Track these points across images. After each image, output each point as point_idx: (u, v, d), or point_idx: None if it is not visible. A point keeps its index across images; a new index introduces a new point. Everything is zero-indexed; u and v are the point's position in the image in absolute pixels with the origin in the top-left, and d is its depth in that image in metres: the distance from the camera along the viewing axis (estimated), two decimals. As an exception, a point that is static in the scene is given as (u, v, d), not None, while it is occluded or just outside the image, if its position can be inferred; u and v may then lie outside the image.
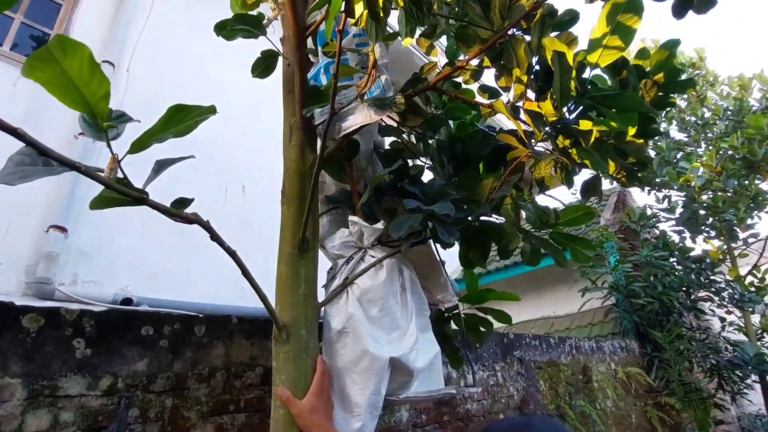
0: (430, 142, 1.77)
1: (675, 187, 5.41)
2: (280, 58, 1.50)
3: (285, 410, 1.05)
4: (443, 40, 1.93)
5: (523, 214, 1.46)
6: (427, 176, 1.78)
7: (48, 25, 3.49)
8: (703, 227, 5.10)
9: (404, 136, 1.80)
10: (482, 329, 1.77)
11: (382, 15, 1.07)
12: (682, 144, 5.64)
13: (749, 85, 5.37)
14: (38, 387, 1.08)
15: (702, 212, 5.23)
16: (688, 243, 5.26)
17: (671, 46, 1.18)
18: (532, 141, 1.33)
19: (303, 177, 1.32)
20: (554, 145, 1.38)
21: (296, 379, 1.09)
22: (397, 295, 1.24)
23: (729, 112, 5.19)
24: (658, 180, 5.52)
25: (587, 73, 1.34)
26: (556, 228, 1.37)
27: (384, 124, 1.76)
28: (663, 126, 5.76)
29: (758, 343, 4.67)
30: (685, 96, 5.66)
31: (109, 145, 0.82)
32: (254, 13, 1.87)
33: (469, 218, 1.36)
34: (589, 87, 1.21)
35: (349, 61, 1.50)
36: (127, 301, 3.25)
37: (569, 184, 1.38)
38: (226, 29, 1.40)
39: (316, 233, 1.32)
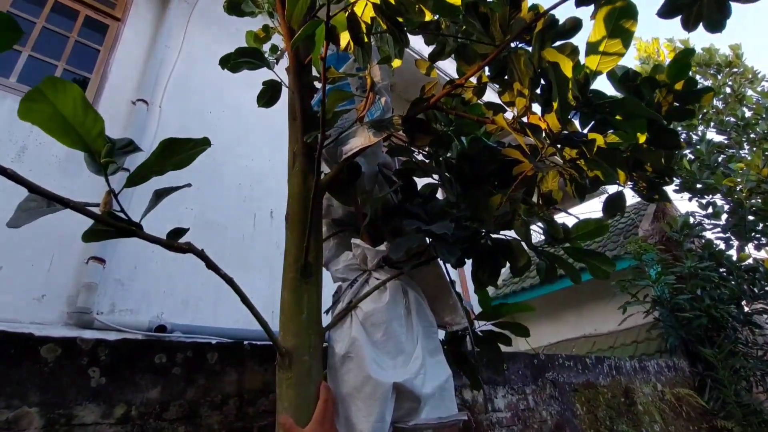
0: (441, 160, 1.76)
1: (719, 193, 5.11)
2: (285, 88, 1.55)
3: (288, 439, 1.04)
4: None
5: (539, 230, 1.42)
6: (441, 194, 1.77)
7: (88, 69, 3.75)
8: (752, 234, 4.76)
9: (416, 155, 1.80)
10: (501, 345, 1.71)
11: (366, 40, 1.08)
12: (722, 146, 5.34)
13: (791, 80, 5.06)
14: (54, 416, 1.12)
15: (750, 218, 4.90)
16: (735, 251, 4.92)
17: (685, 56, 1.12)
18: (540, 154, 1.29)
19: (306, 202, 1.33)
20: (561, 157, 1.33)
21: (298, 406, 1.08)
22: (401, 318, 1.22)
23: (772, 110, 4.89)
24: (699, 186, 5.23)
25: (595, 83, 1.30)
26: (573, 243, 1.31)
27: (394, 144, 1.77)
28: (700, 130, 5.49)
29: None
30: (722, 95, 5.38)
31: (107, 181, 0.86)
32: (268, 45, 1.95)
33: (475, 236, 1.32)
34: (591, 96, 1.17)
35: (350, 85, 1.53)
36: (162, 328, 3.37)
37: (580, 196, 1.33)
38: (230, 62, 1.46)
39: (320, 258, 1.32)
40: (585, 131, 1.31)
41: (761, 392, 4.32)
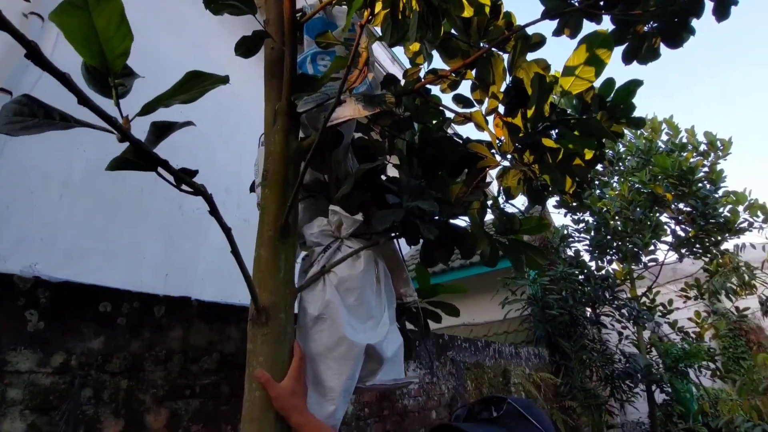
0: (396, 142, 1.84)
1: (589, 213, 6.01)
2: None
3: (262, 392, 1.05)
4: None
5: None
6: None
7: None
8: (610, 250, 5.72)
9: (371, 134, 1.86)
10: (430, 322, 1.87)
11: (400, 18, 1.12)
12: (597, 173, 6.28)
13: (659, 128, 6.15)
14: (-17, 360, 0.98)
15: (609, 237, 5.86)
16: (595, 262, 5.87)
17: (634, 85, 1.36)
18: (504, 153, 1.45)
19: (287, 162, 1.32)
20: (520, 158, 1.51)
21: (274, 361, 1.09)
22: (373, 286, 1.29)
23: (639, 151, 5.90)
24: (574, 204, 6.09)
25: (555, 99, 1.49)
26: (517, 235, 1.50)
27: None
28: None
29: (648, 356, 5.32)
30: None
31: (117, 104, 0.78)
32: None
33: (441, 218, 1.44)
34: (558, 110, 1.35)
35: (336, 52, 1.53)
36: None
37: (533, 199, 1.52)
38: (215, 3, 1.36)
39: (297, 220, 1.33)
40: (536, 136, 1.50)
41: (597, 380, 5.22)
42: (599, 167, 6.12)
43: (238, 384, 1.49)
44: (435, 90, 1.95)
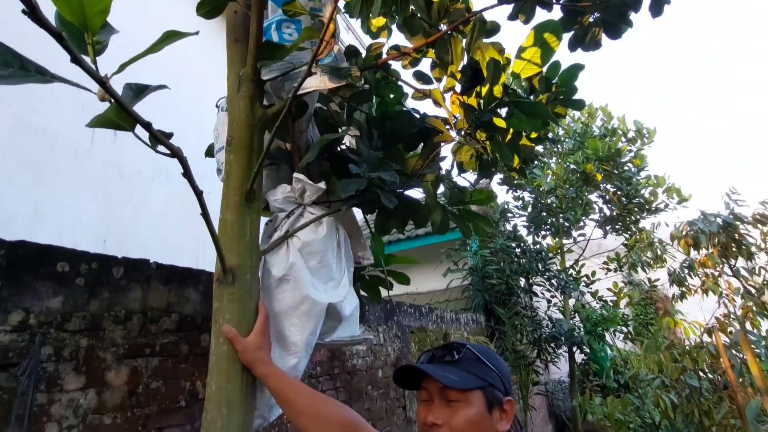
0: (355, 114, 1.90)
1: (528, 190, 6.40)
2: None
3: (228, 346, 1.12)
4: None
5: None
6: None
7: None
8: (545, 226, 6.16)
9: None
10: (381, 289, 1.99)
11: None
12: (538, 154, 6.66)
13: (595, 114, 6.61)
14: (-64, 317, 0.96)
15: (544, 213, 6.30)
16: (531, 237, 6.31)
17: (576, 69, 1.49)
18: (459, 130, 1.56)
19: (252, 129, 1.34)
20: (473, 136, 1.63)
21: (240, 319, 1.15)
22: (334, 250, 1.37)
23: (576, 134, 6.31)
24: (515, 182, 6.45)
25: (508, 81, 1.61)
26: (466, 206, 1.63)
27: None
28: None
29: (571, 321, 5.86)
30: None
31: (94, 62, 0.78)
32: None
33: (398, 189, 1.53)
34: (510, 92, 1.47)
35: (302, 23, 1.54)
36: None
37: (482, 172, 1.65)
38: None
39: (261, 186, 1.36)
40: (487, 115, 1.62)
41: (527, 343, 5.70)
42: (539, 148, 6.49)
43: (196, 343, 1.53)
44: (395, 65, 2.01)
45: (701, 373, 2.59)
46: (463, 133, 1.53)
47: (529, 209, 6.27)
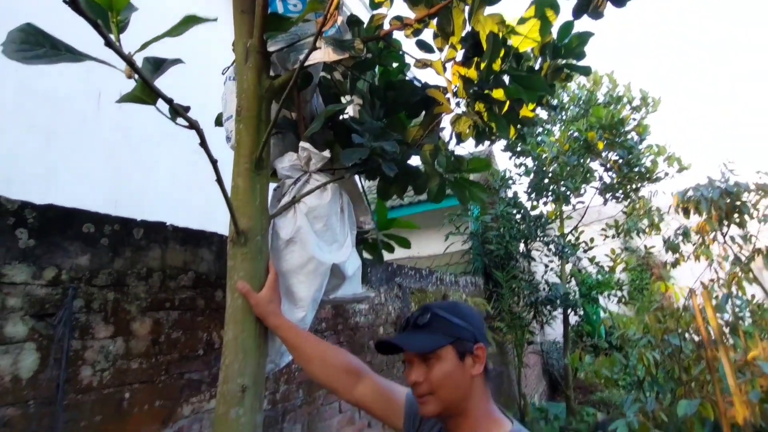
0: (358, 83, 1.95)
1: (531, 157, 6.42)
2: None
3: (243, 300, 1.23)
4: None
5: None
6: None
7: None
8: (546, 192, 6.23)
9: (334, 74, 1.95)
10: (383, 252, 2.11)
11: None
12: (542, 121, 6.65)
13: (600, 81, 6.53)
14: (-18, 272, 1.08)
15: (546, 180, 6.35)
16: (533, 203, 6.40)
17: (586, 35, 1.54)
18: (457, 100, 1.62)
19: (260, 100, 1.41)
20: (472, 107, 1.69)
21: (253, 276, 1.27)
22: (338, 214, 1.47)
23: (581, 101, 6.27)
24: (519, 149, 6.47)
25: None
26: (463, 174, 1.71)
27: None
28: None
29: (567, 285, 6.04)
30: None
31: (118, 40, 0.85)
32: None
33: (399, 157, 1.61)
34: (510, 60, 1.52)
35: (305, -7, 1.57)
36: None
37: (477, 140, 1.72)
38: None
39: (269, 154, 1.45)
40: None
41: (523, 305, 5.90)
42: (543, 115, 6.46)
43: (211, 299, 1.66)
44: (397, 34, 2.04)
45: (686, 335, 2.74)
46: (461, 104, 1.59)
47: (531, 176, 6.33)
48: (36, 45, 0.79)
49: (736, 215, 3.79)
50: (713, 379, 1.67)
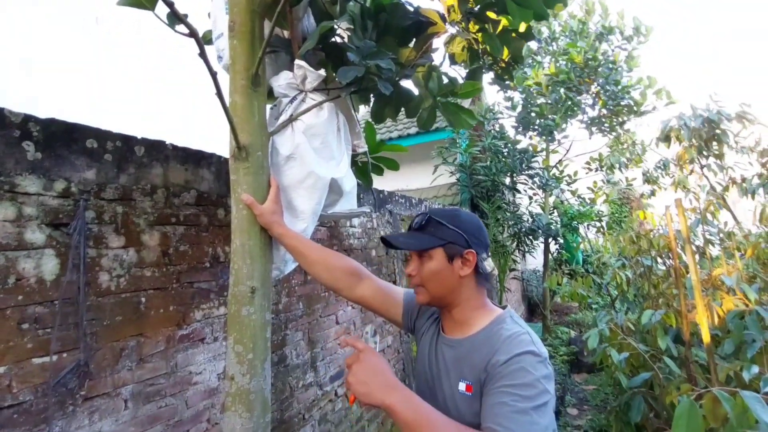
0: (349, 6, 1.91)
1: (519, 90, 6.37)
2: None
3: (248, 211, 1.31)
4: None
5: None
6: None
7: None
8: (532, 126, 6.25)
9: None
10: (372, 174, 2.18)
11: None
12: (532, 52, 6.51)
13: (593, 10, 6.33)
14: (-3, 181, 1.12)
15: (533, 114, 6.35)
16: (520, 137, 6.44)
17: None
18: (452, 21, 1.62)
19: (253, 15, 1.40)
20: (466, 27, 1.69)
21: (255, 189, 1.34)
22: (334, 132, 1.52)
23: (573, 32, 6.12)
24: (507, 82, 6.37)
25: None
26: (455, 97, 1.75)
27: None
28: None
29: (549, 216, 6.26)
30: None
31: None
32: None
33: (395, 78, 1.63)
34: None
35: None
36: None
37: (472, 61, 1.74)
38: None
39: (265, 71, 1.46)
40: (479, 6, 1.67)
41: (508, 235, 6.14)
42: (534, 46, 6.32)
43: (213, 216, 1.74)
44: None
45: (658, 257, 2.95)
46: (455, 24, 1.59)
47: (518, 109, 6.31)
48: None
49: (715, 144, 3.92)
50: (680, 292, 1.84)
